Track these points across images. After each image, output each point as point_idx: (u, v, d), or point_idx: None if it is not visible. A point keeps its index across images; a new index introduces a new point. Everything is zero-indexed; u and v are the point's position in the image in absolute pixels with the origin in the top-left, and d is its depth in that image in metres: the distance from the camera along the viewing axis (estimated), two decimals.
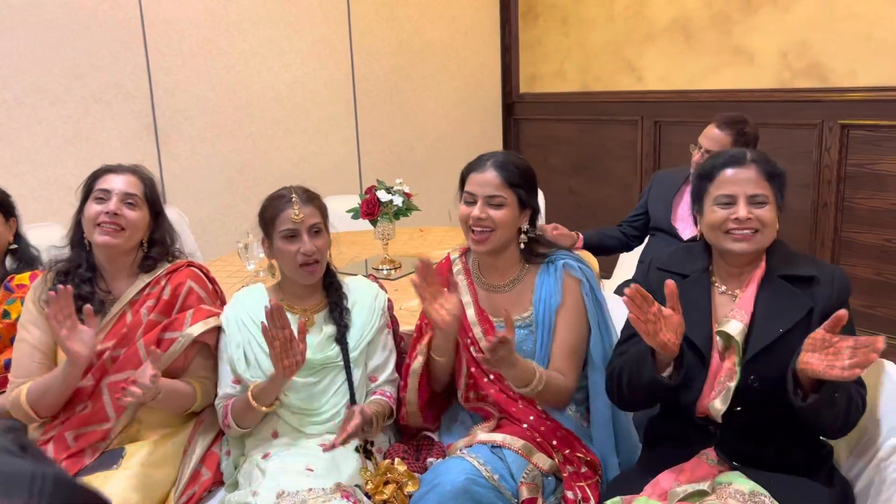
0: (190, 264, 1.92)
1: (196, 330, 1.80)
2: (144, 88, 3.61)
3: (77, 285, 1.78)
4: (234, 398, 1.78)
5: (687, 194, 2.79)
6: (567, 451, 1.70)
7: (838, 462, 1.60)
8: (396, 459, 1.71)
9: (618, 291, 2.81)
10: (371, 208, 2.65)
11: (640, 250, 3.04)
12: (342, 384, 1.81)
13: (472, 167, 1.81)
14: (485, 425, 1.78)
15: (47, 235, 2.34)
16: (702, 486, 1.43)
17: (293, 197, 1.80)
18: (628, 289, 1.43)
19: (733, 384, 1.46)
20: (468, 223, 1.79)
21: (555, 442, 1.70)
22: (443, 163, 4.81)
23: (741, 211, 1.53)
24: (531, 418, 1.74)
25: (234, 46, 3.87)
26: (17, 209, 2.19)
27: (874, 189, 3.33)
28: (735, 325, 1.51)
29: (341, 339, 1.83)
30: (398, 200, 2.65)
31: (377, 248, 2.89)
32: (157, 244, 1.88)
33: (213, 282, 1.96)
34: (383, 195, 2.64)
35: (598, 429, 1.77)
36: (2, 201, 2.15)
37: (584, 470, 1.68)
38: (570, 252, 1.88)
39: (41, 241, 2.23)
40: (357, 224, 2.82)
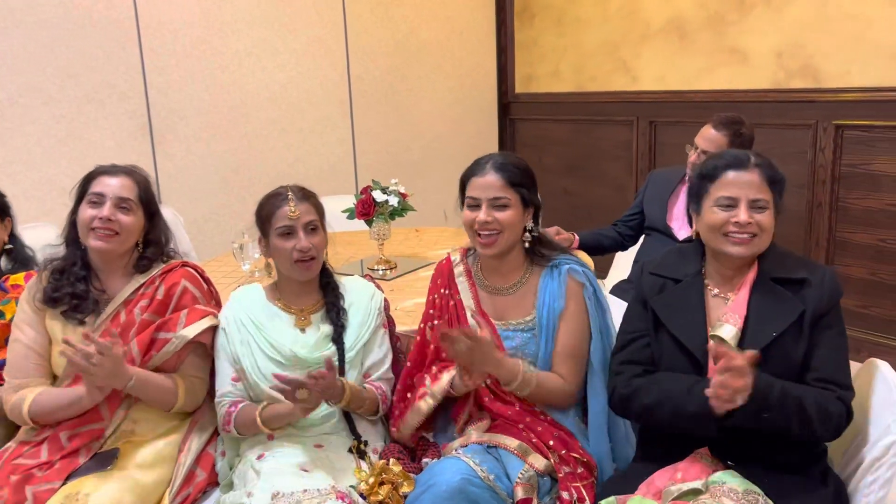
0: (185, 264, 1.91)
1: (191, 331, 1.80)
2: (139, 88, 3.60)
3: (72, 283, 1.78)
4: (240, 408, 1.76)
5: (682, 194, 2.79)
6: (563, 451, 1.70)
7: (832, 461, 1.61)
8: (391, 460, 1.71)
9: (613, 291, 2.83)
10: (366, 208, 2.65)
11: (634, 250, 3.05)
12: None
13: (472, 172, 1.81)
14: (479, 425, 1.78)
15: (40, 236, 2.33)
16: (696, 484, 1.44)
17: (289, 195, 1.80)
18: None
19: None
20: (473, 228, 1.78)
21: (552, 442, 1.70)
22: (439, 163, 4.81)
23: (742, 215, 1.52)
24: (527, 419, 1.74)
25: (228, 46, 3.86)
26: (12, 209, 2.18)
27: (868, 189, 3.34)
28: (729, 330, 1.51)
29: (338, 339, 1.83)
30: (394, 201, 2.65)
31: (373, 248, 2.88)
32: (152, 244, 1.87)
33: (207, 282, 1.95)
34: (379, 195, 2.64)
35: (594, 431, 1.77)
36: None
37: (580, 470, 1.68)
38: (574, 256, 1.88)
39: (34, 241, 2.22)
40: (353, 224, 2.82)
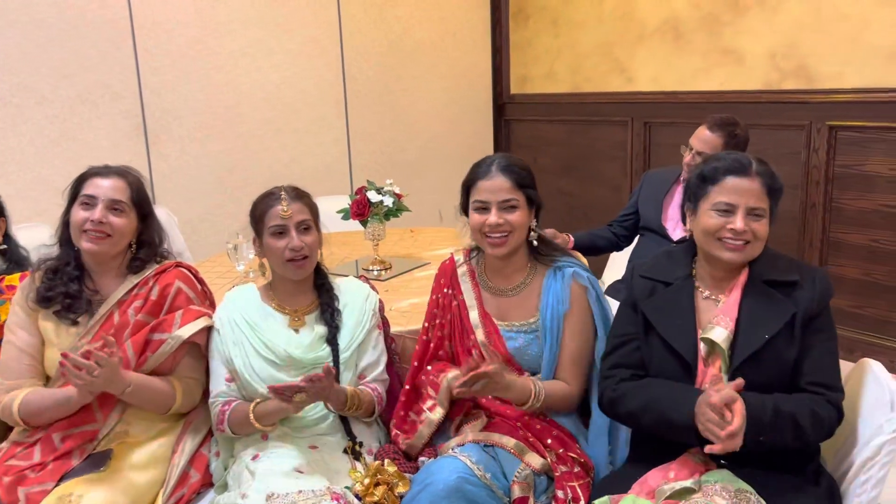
0: (178, 265, 1.91)
1: (186, 332, 1.79)
2: (133, 88, 3.59)
3: (65, 283, 1.78)
4: (233, 406, 1.76)
5: (677, 195, 2.80)
6: (561, 450, 1.70)
7: (825, 460, 1.61)
8: (386, 460, 1.71)
9: (608, 292, 2.83)
10: (361, 209, 2.64)
11: (629, 250, 3.05)
12: None
13: (478, 175, 1.81)
14: (475, 423, 1.78)
15: (34, 236, 2.32)
16: (688, 483, 1.44)
17: (282, 194, 1.81)
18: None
19: None
20: (483, 231, 1.78)
21: (549, 441, 1.71)
22: (434, 163, 4.81)
23: (739, 222, 1.52)
24: (525, 418, 1.75)
25: (223, 47, 3.86)
26: (6, 210, 2.17)
27: (862, 190, 3.35)
28: (720, 332, 1.51)
29: (332, 339, 1.83)
30: (389, 201, 2.65)
31: (368, 248, 2.88)
32: (145, 245, 1.86)
33: (201, 282, 1.95)
34: (374, 196, 2.64)
35: (595, 433, 1.78)
36: None
37: (576, 470, 1.68)
38: (577, 260, 1.89)
39: (28, 242, 2.22)
40: (347, 225, 2.82)
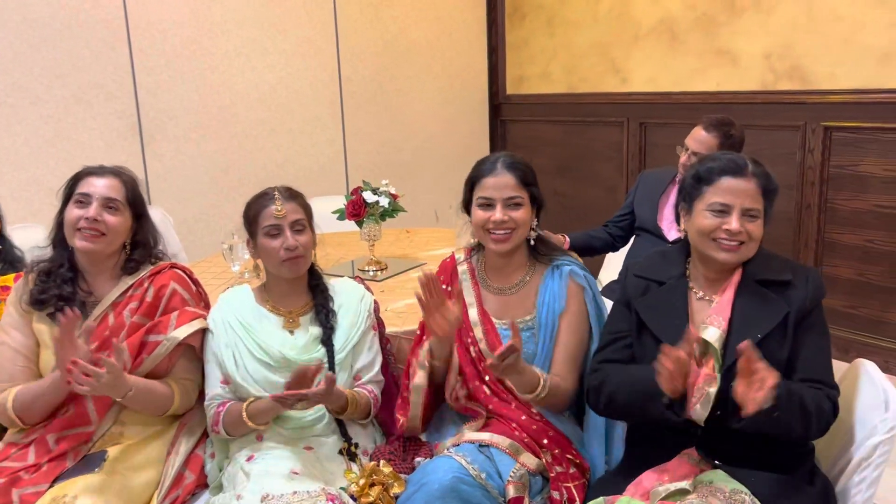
0: (173, 266, 1.90)
1: (181, 333, 1.79)
2: (128, 88, 3.58)
3: (59, 285, 1.77)
4: (227, 407, 1.76)
5: (673, 195, 2.80)
6: (557, 451, 1.70)
7: (819, 461, 1.61)
8: (382, 461, 1.71)
9: (604, 292, 2.83)
10: (357, 209, 2.64)
11: (625, 251, 3.06)
12: None
13: (483, 171, 1.82)
14: (472, 424, 1.78)
15: (28, 237, 2.32)
16: (683, 484, 1.44)
17: (276, 194, 1.81)
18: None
19: (713, 390, 1.47)
20: (486, 227, 1.79)
21: (545, 441, 1.71)
22: (430, 164, 4.81)
23: (734, 223, 1.52)
24: (522, 418, 1.75)
25: (218, 47, 3.85)
26: (1, 210, 2.17)
27: (856, 190, 3.36)
28: (713, 332, 1.52)
29: (327, 340, 1.83)
30: (384, 201, 2.64)
31: (363, 249, 2.88)
32: (139, 246, 1.86)
33: (196, 283, 1.94)
34: (369, 196, 2.64)
35: (591, 432, 1.78)
36: None
37: (572, 471, 1.69)
38: (574, 259, 1.90)
39: (22, 242, 2.21)
40: (343, 225, 2.81)
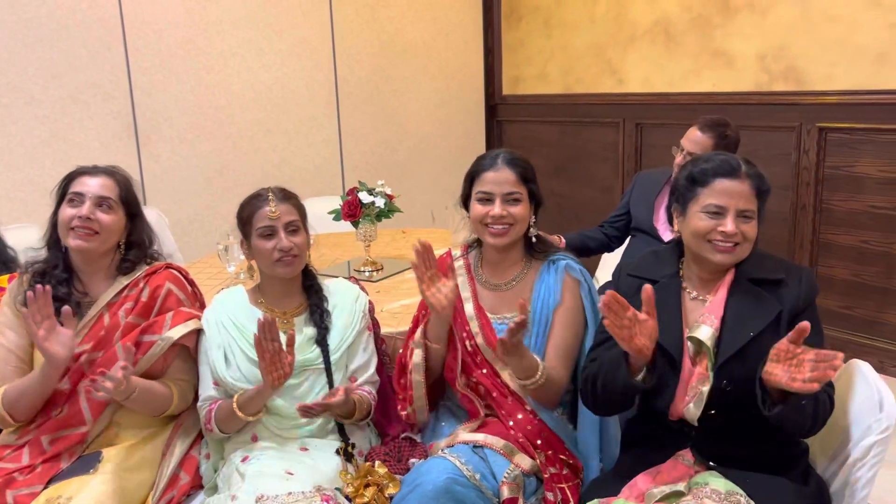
0: (169, 266, 1.90)
1: (176, 333, 1.79)
2: (123, 89, 3.57)
3: (54, 286, 1.76)
4: (218, 404, 1.76)
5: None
6: (550, 451, 1.70)
7: (814, 461, 1.62)
8: (377, 462, 1.71)
9: (600, 292, 2.83)
10: (353, 210, 2.64)
11: (621, 251, 3.06)
12: (322, 387, 1.80)
13: (484, 166, 1.83)
14: (467, 425, 1.79)
15: (23, 237, 2.31)
16: (678, 486, 1.44)
17: (269, 195, 1.80)
18: (604, 295, 1.45)
19: (706, 388, 1.47)
20: (484, 222, 1.80)
21: (539, 442, 1.71)
22: (426, 164, 4.81)
23: (729, 225, 1.52)
24: (519, 416, 1.75)
25: (213, 47, 3.85)
26: None
27: (851, 191, 3.37)
28: (705, 331, 1.52)
29: (322, 341, 1.83)
30: (380, 202, 2.64)
31: (359, 249, 2.88)
32: (134, 246, 1.86)
33: (192, 284, 1.94)
34: (365, 197, 2.63)
35: (584, 430, 1.78)
36: None
37: (565, 472, 1.69)
38: (570, 254, 1.91)
39: (17, 243, 2.20)
40: (339, 226, 2.81)
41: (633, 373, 1.49)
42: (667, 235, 2.79)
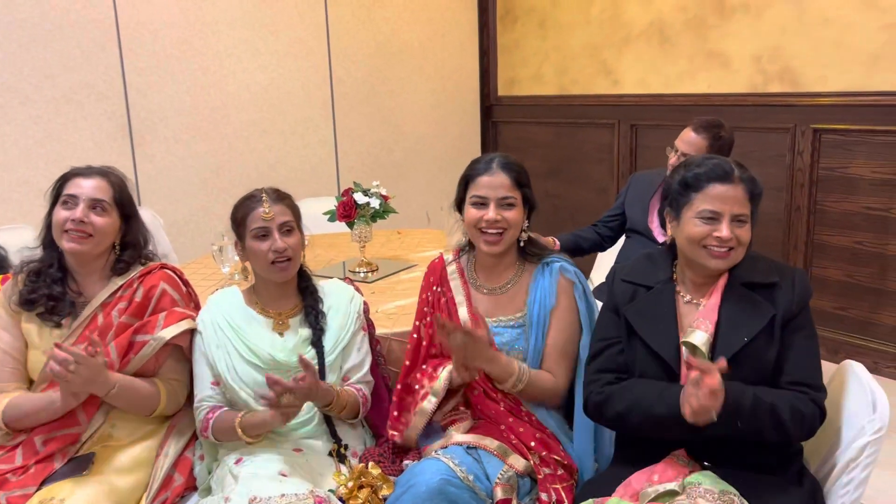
0: (163, 266, 1.90)
1: (168, 333, 1.78)
2: (118, 89, 3.57)
3: (48, 286, 1.76)
4: (218, 414, 1.75)
5: None
6: (544, 452, 1.70)
7: (807, 462, 1.62)
8: (370, 463, 1.70)
9: (595, 294, 2.83)
10: (348, 211, 2.64)
11: (616, 252, 3.06)
12: None
13: (479, 170, 1.83)
14: (460, 426, 1.78)
15: (18, 238, 2.30)
16: (672, 486, 1.45)
17: (263, 196, 1.80)
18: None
19: None
20: (479, 226, 1.80)
21: (533, 443, 1.71)
22: (421, 165, 4.81)
23: (724, 230, 1.52)
24: (510, 420, 1.75)
25: (209, 47, 3.84)
26: None
27: (845, 192, 3.38)
28: (700, 336, 1.52)
29: (317, 342, 1.82)
30: (375, 203, 2.64)
31: (354, 250, 2.87)
32: (129, 247, 1.85)
33: (186, 284, 1.94)
34: (360, 197, 2.63)
35: (580, 429, 1.78)
36: None
37: (560, 472, 1.69)
38: (564, 256, 1.91)
39: (11, 243, 2.20)
40: (334, 226, 2.81)
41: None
42: (661, 237, 2.79)
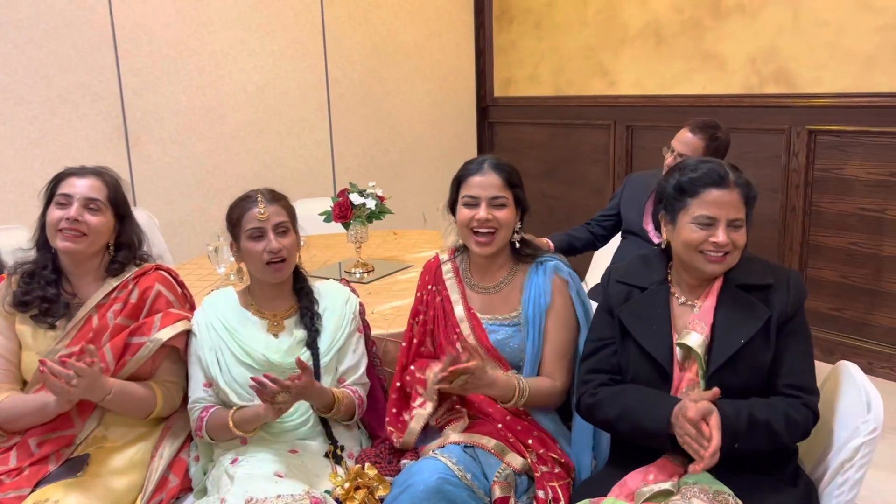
0: (158, 268, 1.89)
1: (165, 335, 1.78)
2: (113, 89, 3.56)
3: (42, 287, 1.75)
4: (211, 412, 1.75)
5: None
6: (542, 450, 1.71)
7: (802, 462, 1.62)
8: (367, 464, 1.70)
9: (590, 294, 2.84)
10: (344, 211, 2.64)
11: (611, 253, 3.06)
12: None
13: (470, 171, 1.84)
14: (457, 425, 1.78)
15: (13, 239, 2.29)
16: (667, 485, 1.45)
17: (258, 197, 1.80)
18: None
19: None
20: (470, 226, 1.81)
21: (530, 441, 1.71)
22: (417, 166, 4.81)
23: (721, 235, 1.52)
24: (507, 418, 1.75)
25: (205, 48, 3.83)
26: None
27: (840, 193, 3.39)
28: (695, 338, 1.52)
29: (312, 344, 1.82)
30: (371, 203, 2.64)
31: (350, 251, 2.87)
32: (123, 248, 1.85)
33: (181, 285, 1.93)
34: (356, 198, 2.63)
35: (578, 431, 1.79)
36: None
37: (557, 470, 1.69)
38: (559, 256, 1.92)
39: (6, 244, 2.19)
40: (330, 227, 2.81)
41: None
42: (657, 238, 2.79)
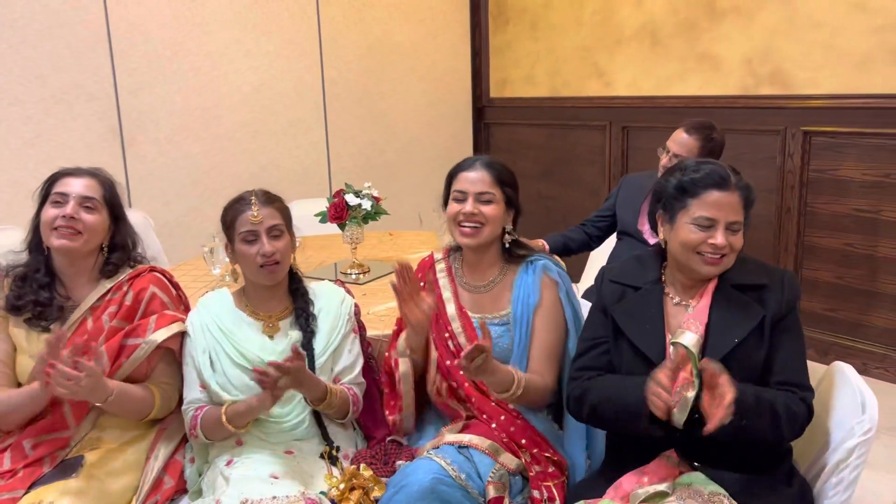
0: (153, 269, 1.89)
1: (160, 336, 1.77)
2: (108, 90, 3.55)
3: (35, 291, 1.74)
4: (205, 410, 1.75)
5: None
6: (535, 450, 1.71)
7: (797, 463, 1.63)
8: (362, 465, 1.70)
9: (585, 296, 2.84)
10: (339, 212, 2.63)
11: (607, 253, 3.07)
12: None
13: (461, 167, 1.87)
14: (452, 426, 1.79)
15: (7, 240, 2.29)
16: (662, 487, 1.45)
17: (252, 199, 1.79)
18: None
19: (692, 395, 1.48)
20: (457, 219, 1.83)
21: (524, 441, 1.72)
22: (413, 166, 4.81)
23: (719, 238, 1.52)
24: (502, 418, 1.76)
25: (200, 48, 3.83)
26: None
27: (835, 194, 3.40)
28: (690, 337, 1.53)
29: (307, 345, 1.82)
30: (367, 204, 2.64)
31: (346, 252, 2.87)
32: (118, 249, 1.84)
33: (176, 287, 1.93)
34: (352, 199, 2.63)
35: (571, 430, 1.79)
36: None
37: (551, 469, 1.70)
38: (551, 256, 1.93)
39: (1, 244, 2.18)
40: (326, 228, 2.80)
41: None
42: (652, 239, 2.79)
